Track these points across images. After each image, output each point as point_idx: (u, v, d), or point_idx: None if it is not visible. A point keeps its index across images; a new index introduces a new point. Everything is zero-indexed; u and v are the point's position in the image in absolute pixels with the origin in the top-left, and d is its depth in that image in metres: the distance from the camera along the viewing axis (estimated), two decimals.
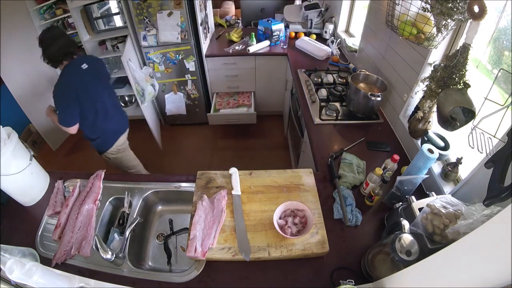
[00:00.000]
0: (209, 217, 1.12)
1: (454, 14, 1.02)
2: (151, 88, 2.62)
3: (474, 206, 0.79)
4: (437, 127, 1.28)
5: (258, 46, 2.75)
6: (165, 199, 1.38)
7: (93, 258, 1.06)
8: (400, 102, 1.59)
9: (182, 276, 1.01)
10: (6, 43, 2.36)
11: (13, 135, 1.14)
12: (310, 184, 1.26)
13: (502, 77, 0.95)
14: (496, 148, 0.84)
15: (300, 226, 1.08)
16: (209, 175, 1.30)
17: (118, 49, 2.81)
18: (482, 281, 0.51)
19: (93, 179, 1.31)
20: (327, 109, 1.82)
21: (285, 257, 1.02)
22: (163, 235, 1.28)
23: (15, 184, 1.18)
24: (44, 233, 1.17)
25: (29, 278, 0.78)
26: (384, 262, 0.91)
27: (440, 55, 1.32)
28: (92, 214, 1.18)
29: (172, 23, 2.47)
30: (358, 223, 1.16)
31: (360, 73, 1.83)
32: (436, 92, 1.18)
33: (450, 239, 0.79)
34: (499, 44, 1.09)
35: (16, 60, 2.50)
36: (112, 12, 2.67)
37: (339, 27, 2.76)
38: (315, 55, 2.58)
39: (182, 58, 2.72)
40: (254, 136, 3.22)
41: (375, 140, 1.59)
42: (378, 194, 1.18)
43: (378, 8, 1.83)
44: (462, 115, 1.09)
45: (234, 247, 1.04)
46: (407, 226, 0.90)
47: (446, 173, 1.21)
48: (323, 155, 1.50)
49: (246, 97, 3.05)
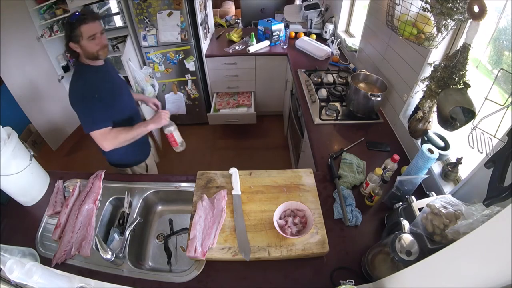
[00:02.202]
0: (209, 217, 1.12)
1: (454, 14, 1.02)
2: (151, 88, 2.62)
3: (474, 206, 0.79)
4: (437, 127, 1.28)
5: (258, 46, 2.75)
6: (165, 199, 1.38)
7: (93, 258, 1.06)
8: (400, 102, 1.59)
9: (182, 276, 1.01)
10: (6, 43, 2.36)
11: (13, 135, 1.14)
12: (310, 184, 1.26)
13: (502, 77, 0.95)
14: (496, 148, 0.84)
15: (300, 226, 1.08)
16: (209, 175, 1.30)
17: (118, 49, 2.81)
18: (482, 281, 0.51)
19: (93, 179, 1.31)
20: (327, 109, 1.82)
21: (285, 257, 1.02)
22: (163, 235, 1.28)
23: (15, 184, 1.18)
24: (44, 233, 1.17)
25: (29, 278, 0.78)
26: (384, 262, 0.91)
27: (440, 55, 1.32)
28: (92, 214, 1.18)
29: (172, 23, 2.47)
30: (358, 223, 1.16)
31: (360, 73, 1.82)
32: (436, 92, 1.18)
33: (450, 239, 0.79)
34: (499, 44, 1.09)
35: (16, 60, 2.50)
36: (112, 12, 2.67)
37: (339, 27, 2.76)
38: (315, 55, 2.58)
39: (182, 58, 2.72)
40: (254, 136, 3.21)
41: (375, 140, 1.59)
42: (378, 194, 1.18)
43: (378, 8, 1.83)
44: (462, 115, 1.08)
45: (234, 247, 1.04)
46: (407, 226, 0.90)
47: (446, 173, 1.21)
48: (323, 155, 1.50)
49: (246, 97, 3.05)
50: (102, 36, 1.28)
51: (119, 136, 1.31)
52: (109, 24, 2.75)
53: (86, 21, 1.21)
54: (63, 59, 2.94)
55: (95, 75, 1.32)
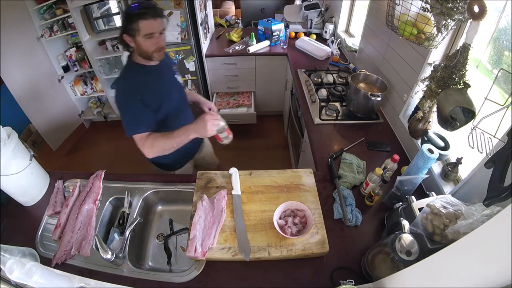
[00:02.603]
0: (209, 217, 1.12)
1: (454, 14, 1.02)
2: None
3: (474, 206, 0.79)
4: (437, 127, 1.28)
5: (258, 46, 2.75)
6: (165, 199, 1.38)
7: (93, 258, 1.06)
8: (400, 102, 1.59)
9: (182, 276, 1.01)
10: (6, 43, 2.36)
11: (13, 135, 1.13)
12: (310, 184, 1.26)
13: (502, 77, 0.95)
14: (496, 148, 0.84)
15: (300, 226, 1.08)
16: (209, 175, 1.30)
17: (118, 49, 2.81)
18: (482, 281, 0.51)
19: (93, 179, 1.31)
20: (327, 109, 1.82)
21: (285, 257, 1.02)
22: (163, 235, 1.28)
23: (15, 184, 1.18)
24: (44, 233, 1.17)
25: (29, 278, 0.78)
26: (384, 262, 0.91)
27: (440, 55, 1.32)
28: (92, 214, 1.18)
29: (172, 23, 2.47)
30: (358, 223, 1.16)
31: (360, 73, 1.82)
32: (436, 92, 1.18)
33: (450, 239, 0.79)
34: (499, 44, 1.09)
35: (16, 60, 2.50)
36: (112, 12, 2.67)
37: (339, 27, 2.75)
38: (315, 55, 2.58)
39: (182, 58, 2.72)
40: (254, 136, 3.21)
41: (375, 140, 1.59)
42: (378, 194, 1.18)
43: (378, 8, 1.83)
44: (462, 115, 1.08)
45: (234, 247, 1.04)
46: (407, 226, 0.90)
47: (446, 173, 1.21)
48: (323, 155, 1.50)
49: (246, 97, 3.05)
50: (160, 36, 1.17)
51: (155, 144, 1.18)
52: (109, 24, 2.75)
53: (145, 17, 1.09)
54: (63, 59, 2.94)
55: (144, 76, 1.21)
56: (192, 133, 1.14)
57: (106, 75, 2.97)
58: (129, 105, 1.18)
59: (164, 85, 1.33)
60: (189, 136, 1.15)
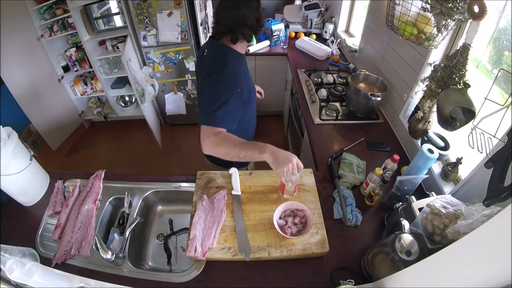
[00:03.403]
0: (209, 217, 1.12)
1: (454, 14, 1.02)
2: (151, 88, 2.62)
3: (474, 206, 0.79)
4: (437, 127, 1.28)
5: (258, 46, 2.75)
6: (165, 199, 1.38)
7: (93, 258, 1.06)
8: (400, 102, 1.59)
9: (182, 276, 1.01)
10: (6, 43, 2.36)
11: (13, 135, 1.13)
12: (310, 184, 1.26)
13: (502, 77, 0.95)
14: (496, 148, 0.84)
15: (300, 226, 1.08)
16: (209, 175, 1.30)
17: (118, 49, 2.81)
18: (482, 281, 0.51)
19: (93, 179, 1.30)
20: (327, 109, 1.82)
21: (285, 257, 1.02)
22: (163, 235, 1.28)
23: (15, 184, 1.18)
24: (44, 233, 1.17)
25: (29, 278, 0.78)
26: (384, 262, 0.91)
27: (440, 55, 1.32)
28: (92, 214, 1.18)
29: (172, 23, 2.47)
30: (358, 223, 1.16)
31: (360, 73, 1.83)
32: (436, 92, 1.18)
33: (450, 239, 0.79)
34: (499, 44, 1.09)
35: (16, 60, 2.50)
36: (112, 12, 2.67)
37: (339, 27, 2.76)
38: (315, 55, 2.58)
39: (182, 58, 2.72)
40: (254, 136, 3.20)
41: (375, 140, 1.59)
42: (378, 194, 1.18)
43: (378, 8, 1.83)
44: (462, 115, 1.09)
45: (234, 247, 1.04)
46: (407, 226, 0.90)
47: (446, 173, 1.21)
48: (323, 155, 1.50)
49: None
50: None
51: (222, 144, 1.05)
52: (109, 24, 2.75)
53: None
54: (63, 59, 2.94)
55: (241, 67, 1.11)
56: (267, 156, 1.01)
57: (106, 75, 2.97)
58: (226, 96, 1.06)
59: (249, 75, 1.24)
60: (262, 155, 1.02)
